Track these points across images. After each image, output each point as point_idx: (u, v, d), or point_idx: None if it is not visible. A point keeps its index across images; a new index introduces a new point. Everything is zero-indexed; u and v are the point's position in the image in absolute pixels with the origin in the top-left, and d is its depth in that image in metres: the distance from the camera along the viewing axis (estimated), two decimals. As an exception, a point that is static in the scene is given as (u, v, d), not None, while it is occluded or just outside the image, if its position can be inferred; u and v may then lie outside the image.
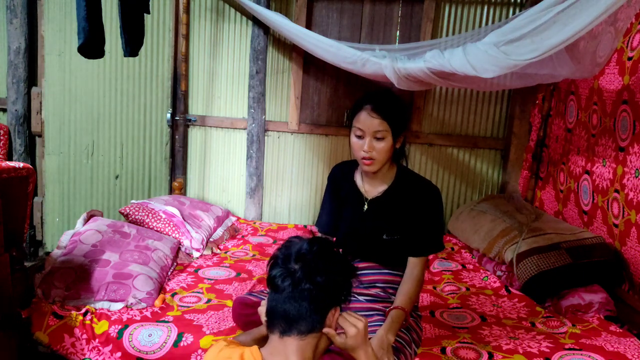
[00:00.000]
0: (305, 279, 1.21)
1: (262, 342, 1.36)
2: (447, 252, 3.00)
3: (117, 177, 3.57)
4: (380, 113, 1.62)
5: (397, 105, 1.68)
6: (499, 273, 2.60)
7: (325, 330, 1.25)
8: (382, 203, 1.76)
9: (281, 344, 1.21)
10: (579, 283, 2.25)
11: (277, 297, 1.23)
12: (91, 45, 2.14)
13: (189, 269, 2.54)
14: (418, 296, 1.76)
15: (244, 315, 1.78)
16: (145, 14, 2.47)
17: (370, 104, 1.64)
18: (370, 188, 1.79)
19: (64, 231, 2.37)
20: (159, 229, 2.69)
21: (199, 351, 1.80)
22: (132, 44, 2.40)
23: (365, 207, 1.78)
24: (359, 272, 1.83)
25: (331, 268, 1.24)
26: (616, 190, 2.37)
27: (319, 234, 1.92)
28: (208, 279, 2.44)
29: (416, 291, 1.73)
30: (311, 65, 3.44)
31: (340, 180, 1.86)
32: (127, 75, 3.45)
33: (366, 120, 1.63)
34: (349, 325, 1.30)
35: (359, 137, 1.66)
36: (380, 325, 1.64)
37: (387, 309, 1.68)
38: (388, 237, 1.74)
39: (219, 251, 2.87)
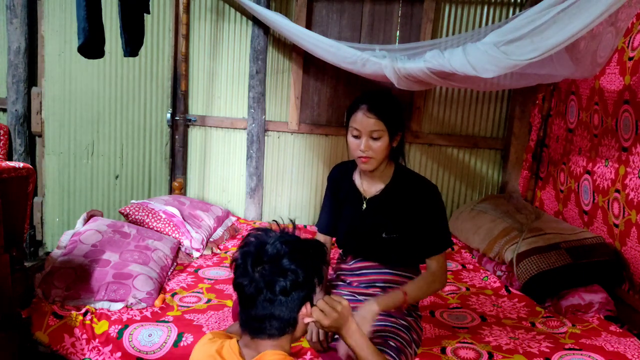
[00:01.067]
0: (267, 288, 1.16)
1: None
2: (447, 252, 2.99)
3: (117, 177, 3.57)
4: (375, 113, 1.63)
5: (392, 104, 1.69)
6: (499, 273, 2.60)
7: (306, 320, 1.24)
8: (380, 201, 1.77)
9: (253, 342, 1.20)
10: (579, 283, 2.25)
11: (243, 304, 1.20)
12: (91, 45, 2.14)
13: (189, 269, 2.54)
14: (431, 289, 1.75)
15: (244, 316, 1.78)
16: (145, 14, 2.47)
17: (366, 104, 1.65)
18: (369, 187, 1.80)
19: (64, 231, 2.37)
20: (159, 229, 2.69)
21: (199, 351, 1.80)
22: (132, 44, 2.40)
23: (364, 205, 1.79)
24: (359, 272, 1.84)
25: (295, 266, 1.17)
26: (617, 190, 2.37)
27: (318, 234, 1.92)
28: (208, 279, 2.44)
29: (430, 284, 1.72)
30: (311, 65, 3.44)
31: (339, 180, 1.87)
32: (127, 75, 3.45)
33: (362, 120, 1.64)
34: (330, 310, 1.30)
35: (356, 136, 1.68)
36: (381, 325, 1.65)
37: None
38: (387, 235, 1.75)
39: (219, 251, 2.87)
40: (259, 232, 1.23)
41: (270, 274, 1.16)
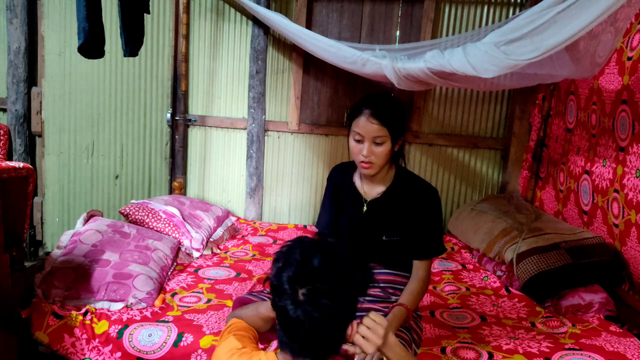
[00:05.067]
0: (313, 309, 1.03)
1: (267, 323, 1.31)
2: (447, 252, 3.00)
3: (117, 177, 3.57)
4: (379, 119, 1.61)
5: (396, 110, 1.66)
6: (499, 273, 2.60)
7: (345, 347, 1.14)
8: (381, 204, 1.76)
9: None
10: (579, 283, 2.25)
11: (285, 327, 1.09)
12: (91, 45, 2.14)
13: (189, 269, 2.54)
14: (422, 296, 1.75)
15: (244, 315, 1.78)
16: (145, 14, 2.47)
17: (369, 109, 1.62)
18: (369, 189, 1.79)
19: (64, 231, 2.37)
20: (159, 229, 2.69)
21: (199, 351, 1.80)
22: (132, 44, 2.40)
23: (365, 208, 1.78)
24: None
25: (342, 290, 1.05)
26: (616, 190, 2.37)
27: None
28: (208, 279, 2.44)
29: (421, 291, 1.73)
30: (311, 65, 3.44)
31: (339, 182, 1.86)
32: (127, 75, 3.46)
33: (366, 125, 1.62)
34: (374, 336, 1.22)
35: (358, 141, 1.65)
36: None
37: (391, 306, 1.68)
38: (387, 237, 1.74)
39: (219, 251, 2.87)
40: (294, 248, 1.09)
41: (315, 295, 1.03)
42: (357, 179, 1.83)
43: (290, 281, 1.05)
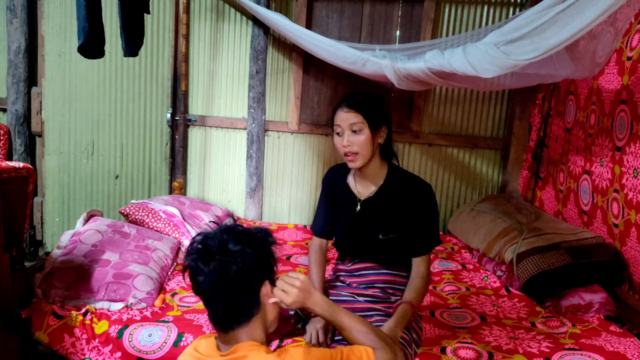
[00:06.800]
0: (221, 276, 1.17)
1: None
2: (447, 252, 3.00)
3: (117, 177, 3.57)
4: (352, 107, 1.68)
5: (369, 98, 1.73)
6: (499, 273, 2.60)
7: (270, 301, 1.26)
8: (374, 203, 1.77)
9: (228, 337, 1.23)
10: (579, 283, 2.25)
11: (206, 302, 1.23)
12: (91, 45, 2.14)
13: (189, 269, 2.54)
14: (426, 292, 1.77)
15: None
16: (145, 14, 2.47)
17: (344, 102, 1.71)
18: (363, 189, 1.80)
19: (64, 231, 2.37)
20: (159, 229, 2.69)
21: (199, 351, 1.80)
22: (132, 43, 2.40)
23: (358, 208, 1.79)
24: (357, 273, 1.84)
25: (242, 246, 1.19)
26: (615, 190, 2.37)
27: (314, 237, 1.92)
28: (208, 279, 2.43)
29: (423, 287, 1.74)
30: (311, 65, 3.44)
31: (333, 183, 1.88)
32: (127, 75, 3.46)
33: (341, 115, 1.69)
34: (290, 287, 1.31)
35: (339, 134, 1.71)
36: (381, 325, 1.64)
37: (395, 304, 1.68)
38: (384, 236, 1.75)
39: (219, 251, 2.86)
40: (199, 235, 1.24)
41: (221, 262, 1.17)
42: (350, 180, 1.84)
43: (201, 259, 1.19)
